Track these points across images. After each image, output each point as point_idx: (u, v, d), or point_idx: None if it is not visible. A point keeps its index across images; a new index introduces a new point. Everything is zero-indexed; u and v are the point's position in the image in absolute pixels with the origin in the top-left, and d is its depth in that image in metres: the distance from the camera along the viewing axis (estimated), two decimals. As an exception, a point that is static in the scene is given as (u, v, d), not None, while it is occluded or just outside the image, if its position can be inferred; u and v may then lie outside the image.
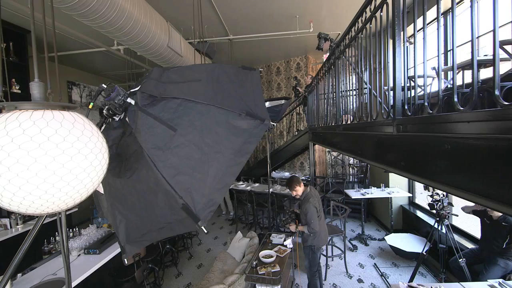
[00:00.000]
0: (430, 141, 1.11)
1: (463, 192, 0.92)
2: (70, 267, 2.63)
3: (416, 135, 1.20)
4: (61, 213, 1.23)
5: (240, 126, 1.26)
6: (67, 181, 0.85)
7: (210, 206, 1.17)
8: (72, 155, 0.85)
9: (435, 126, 1.07)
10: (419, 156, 1.21)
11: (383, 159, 1.64)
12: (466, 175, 0.92)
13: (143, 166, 1.17)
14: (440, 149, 1.04)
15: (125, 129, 1.35)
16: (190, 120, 1.21)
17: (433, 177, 1.09)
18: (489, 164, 0.81)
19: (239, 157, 1.23)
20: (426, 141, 1.14)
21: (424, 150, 1.17)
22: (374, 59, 1.78)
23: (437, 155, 1.06)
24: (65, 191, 0.86)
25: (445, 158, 1.02)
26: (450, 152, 0.99)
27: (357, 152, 2.21)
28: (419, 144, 1.19)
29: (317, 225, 2.89)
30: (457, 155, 0.96)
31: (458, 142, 0.95)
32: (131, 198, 1.23)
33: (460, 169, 0.94)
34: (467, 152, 0.91)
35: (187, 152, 1.18)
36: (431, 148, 1.11)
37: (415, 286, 1.96)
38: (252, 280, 2.69)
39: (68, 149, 0.84)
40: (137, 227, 1.28)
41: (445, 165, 1.02)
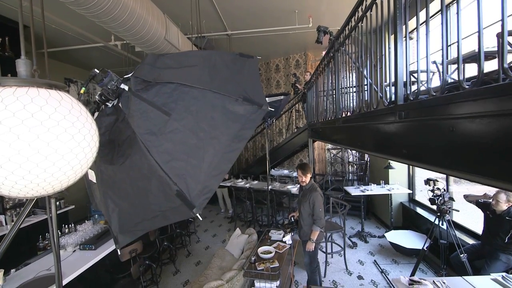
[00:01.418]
0: (433, 125, 1.08)
1: (470, 174, 0.88)
2: (66, 262, 2.59)
3: (418, 120, 1.16)
4: (51, 201, 1.19)
5: (237, 112, 1.22)
6: (53, 161, 0.81)
7: (206, 193, 1.12)
8: (58, 133, 0.81)
9: (438, 109, 1.03)
10: (421, 142, 1.17)
11: (384, 149, 1.60)
12: (473, 158, 0.88)
13: (136, 152, 1.13)
14: (444, 133, 1.00)
15: (118, 115, 1.31)
16: (185, 105, 1.17)
17: (437, 163, 1.05)
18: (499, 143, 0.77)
19: (235, 143, 1.19)
20: (429, 125, 1.10)
21: (427, 135, 1.13)
22: (375, 48, 1.74)
23: (441, 139, 1.02)
24: (50, 172, 0.81)
25: (449, 141, 0.98)
26: (455, 134, 0.95)
27: (357, 144, 2.17)
28: (422, 129, 1.15)
29: (323, 214, 2.84)
30: (463, 137, 0.92)
31: (463, 123, 0.91)
32: (123, 186, 1.18)
33: (466, 151, 0.91)
34: (474, 133, 0.87)
35: (181, 138, 1.14)
36: (435, 132, 1.07)
37: (417, 280, 1.92)
38: (251, 276, 2.64)
39: (53, 127, 0.80)
40: (130, 216, 1.24)
41: (450, 148, 0.98)
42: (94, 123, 0.97)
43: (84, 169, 0.96)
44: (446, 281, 1.91)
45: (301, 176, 3.01)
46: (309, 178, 3.00)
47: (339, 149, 7.37)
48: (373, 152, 1.74)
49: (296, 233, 3.28)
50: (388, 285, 3.38)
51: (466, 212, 4.58)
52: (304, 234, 3.00)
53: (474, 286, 1.86)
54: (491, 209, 2.77)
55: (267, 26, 4.55)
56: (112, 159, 1.20)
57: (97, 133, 1.00)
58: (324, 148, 7.51)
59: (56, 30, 4.24)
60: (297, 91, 5.98)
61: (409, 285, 1.89)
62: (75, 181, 0.97)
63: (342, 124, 2.47)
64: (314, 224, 2.86)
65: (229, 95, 1.22)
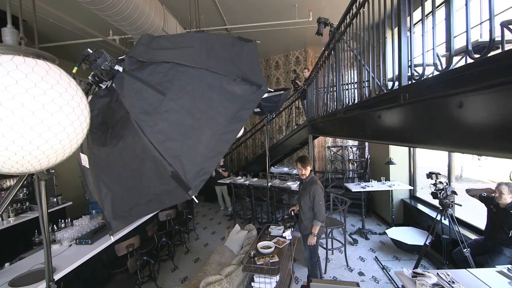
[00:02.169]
0: (439, 103, 1.03)
1: (481, 150, 0.84)
2: (62, 257, 2.54)
3: (423, 100, 1.12)
4: (41, 184, 1.14)
5: (235, 92, 1.17)
6: (39, 133, 0.76)
7: (202, 175, 1.08)
8: (45, 103, 0.76)
9: (445, 85, 0.99)
10: (427, 123, 1.13)
11: (387, 135, 1.56)
12: (484, 133, 0.84)
13: (130, 133, 1.08)
14: (452, 109, 0.96)
15: (112, 97, 1.26)
16: (181, 85, 1.13)
17: (445, 142, 1.00)
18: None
19: (233, 124, 1.15)
20: (435, 104, 1.06)
21: (433, 115, 1.08)
22: (377, 34, 1.70)
23: (449, 116, 0.98)
24: (36, 144, 0.77)
25: (458, 117, 0.93)
26: (464, 110, 0.91)
27: (358, 134, 2.13)
28: (427, 109, 1.11)
29: (324, 207, 2.80)
30: (472, 112, 0.87)
31: (471, 97, 0.87)
32: (117, 168, 1.14)
33: (476, 127, 0.86)
34: (484, 106, 0.83)
35: (177, 118, 1.09)
36: (441, 110, 1.02)
37: (420, 272, 1.87)
38: (250, 271, 2.59)
39: (39, 96, 0.75)
40: (124, 201, 1.19)
41: (459, 125, 0.93)
42: (84, 97, 0.93)
43: (74, 146, 0.91)
44: (450, 273, 1.86)
45: (301, 169, 2.96)
46: (309, 171, 2.96)
47: (339, 147, 7.33)
48: (376, 139, 1.69)
49: (296, 230, 3.23)
50: (389, 281, 3.33)
51: (468, 209, 4.54)
52: (304, 228, 2.94)
53: (479, 278, 1.82)
54: (495, 203, 2.73)
55: (267, 21, 4.51)
56: (105, 141, 1.16)
57: (88, 109, 0.95)
58: (324, 146, 7.46)
59: (52, 24, 4.20)
60: (297, 87, 5.94)
61: (412, 278, 1.84)
62: (63, 159, 0.92)
63: (343, 115, 2.42)
64: (315, 218, 2.81)
65: (227, 74, 1.17)
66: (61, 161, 0.92)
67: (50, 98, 0.77)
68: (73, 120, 0.84)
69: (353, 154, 7.15)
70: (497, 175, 3.00)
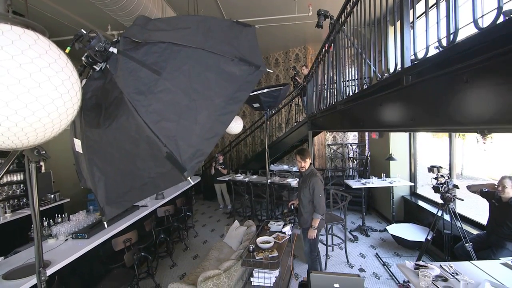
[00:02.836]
0: (444, 81, 1.00)
1: (491, 124, 0.80)
2: (57, 251, 2.49)
3: (427, 80, 1.08)
4: (31, 166, 1.11)
5: (233, 72, 1.14)
6: (25, 103, 0.72)
7: (198, 156, 1.04)
8: (32, 71, 0.73)
9: (450, 61, 0.95)
10: (432, 104, 1.10)
11: (389, 122, 1.53)
12: (494, 106, 0.80)
13: (123, 113, 1.04)
14: (458, 86, 0.93)
15: (106, 78, 1.22)
16: (177, 64, 1.09)
17: (452, 120, 0.97)
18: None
19: (231, 105, 1.11)
20: (440, 82, 1.02)
21: (437, 94, 1.05)
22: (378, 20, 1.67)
23: (455, 93, 0.95)
24: (23, 115, 0.73)
25: (464, 93, 0.90)
26: (470, 85, 0.87)
27: (359, 124, 2.10)
28: (432, 88, 1.08)
29: (324, 200, 2.77)
30: (480, 85, 0.84)
31: (479, 70, 0.83)
32: (110, 150, 1.10)
33: (486, 100, 0.83)
34: (491, 78, 0.79)
35: (173, 98, 1.06)
36: (447, 88, 0.99)
37: (423, 264, 1.83)
38: (249, 265, 2.55)
39: (26, 64, 0.72)
40: (117, 185, 1.15)
41: (466, 101, 0.90)
42: (75, 72, 0.89)
43: (64, 122, 0.87)
44: (453, 265, 1.82)
45: (300, 161, 2.93)
46: (308, 164, 2.92)
47: (339, 145, 7.29)
48: (377, 128, 1.66)
49: (295, 227, 3.20)
50: (390, 277, 3.29)
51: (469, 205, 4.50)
52: (304, 222, 2.91)
53: (483, 270, 1.78)
54: (497, 197, 2.69)
55: (266, 16, 4.48)
56: (98, 123, 1.12)
57: (79, 83, 0.92)
58: (324, 144, 7.43)
59: (51, 19, 4.17)
60: (297, 84, 5.90)
61: (415, 270, 1.81)
62: (53, 135, 0.88)
63: (343, 106, 2.39)
64: (315, 211, 2.77)
65: (224, 55, 1.14)
66: (50, 137, 0.88)
67: (38, 67, 0.74)
68: (63, 93, 0.81)
69: (353, 152, 7.12)
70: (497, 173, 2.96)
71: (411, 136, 4.94)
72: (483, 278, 1.67)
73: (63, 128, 0.90)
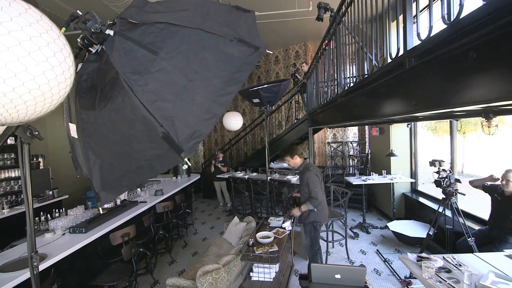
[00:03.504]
0: (448, 59, 0.97)
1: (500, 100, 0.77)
2: (54, 245, 2.46)
3: (430, 60, 1.05)
4: (24, 147, 1.07)
5: (232, 53, 1.11)
6: (14, 72, 0.69)
7: (196, 137, 1.02)
8: (22, 40, 0.69)
9: (454, 37, 0.92)
10: (436, 84, 1.07)
11: (391, 109, 1.50)
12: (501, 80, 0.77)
13: (119, 93, 1.02)
14: (463, 63, 0.90)
15: (102, 60, 1.19)
16: (175, 44, 1.07)
17: (460, 98, 0.93)
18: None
19: (229, 86, 1.08)
20: (444, 61, 0.99)
21: (442, 74, 1.02)
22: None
23: (460, 71, 0.92)
24: (12, 85, 0.70)
25: (471, 69, 0.87)
26: (477, 59, 0.84)
27: (360, 116, 2.07)
28: (436, 69, 1.05)
29: (321, 194, 2.74)
30: (487, 60, 0.81)
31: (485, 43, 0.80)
32: (105, 132, 1.07)
33: (491, 75, 0.80)
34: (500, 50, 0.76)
35: (169, 78, 1.03)
36: (452, 66, 0.96)
37: (425, 256, 1.80)
38: (249, 259, 2.51)
39: (16, 31, 0.69)
40: (113, 169, 1.12)
41: (472, 78, 0.87)
42: (68, 45, 0.86)
43: (55, 97, 0.84)
44: (456, 257, 1.79)
45: (289, 159, 2.91)
46: (299, 160, 2.90)
47: (339, 143, 7.26)
48: (379, 116, 1.63)
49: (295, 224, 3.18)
50: (391, 273, 3.26)
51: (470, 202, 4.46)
52: (304, 217, 2.87)
53: (487, 262, 1.74)
54: (499, 191, 2.66)
55: (266, 11, 4.45)
56: (93, 104, 1.09)
57: (72, 58, 0.89)
58: (324, 142, 7.40)
59: (48, 14, 4.14)
60: (297, 81, 5.88)
61: (417, 262, 1.77)
62: (44, 112, 0.85)
63: (344, 98, 2.36)
64: (308, 201, 2.73)
65: (223, 35, 1.11)
66: (41, 113, 0.85)
67: (28, 36, 0.71)
68: (54, 65, 0.78)
69: (354, 149, 7.09)
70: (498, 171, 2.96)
71: (412, 132, 4.92)
72: (487, 269, 1.64)
73: (55, 104, 0.87)
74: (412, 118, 1.81)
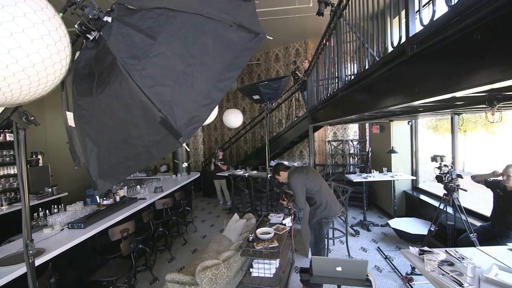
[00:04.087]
0: (452, 43, 0.95)
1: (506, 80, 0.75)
2: (53, 240, 2.44)
3: (434, 44, 1.03)
4: (19, 132, 1.06)
5: (232, 39, 1.09)
6: (8, 48, 0.67)
7: (194, 122, 1.00)
8: (15, 15, 0.68)
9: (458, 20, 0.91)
10: (439, 69, 1.05)
11: (392, 98, 1.48)
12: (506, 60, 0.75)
13: (116, 79, 1.00)
14: (468, 44, 0.88)
15: (99, 46, 1.18)
16: (173, 29, 1.05)
17: (467, 80, 0.91)
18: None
19: (229, 72, 1.07)
20: (447, 45, 0.97)
21: (446, 57, 1.00)
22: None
23: (465, 52, 0.90)
24: (5, 62, 0.68)
25: (475, 51, 0.85)
26: (482, 40, 0.82)
27: (361, 108, 2.05)
28: (439, 53, 1.03)
29: (302, 201, 2.82)
30: (493, 39, 0.79)
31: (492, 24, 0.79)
32: (102, 118, 1.05)
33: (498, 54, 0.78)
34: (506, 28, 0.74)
35: (168, 63, 1.01)
36: (456, 48, 0.94)
37: (428, 250, 1.78)
38: (249, 255, 2.49)
39: (9, 6, 0.67)
40: (110, 156, 1.11)
41: (478, 59, 0.85)
42: (63, 25, 0.85)
43: (51, 78, 0.83)
44: (459, 251, 1.77)
45: (278, 177, 3.06)
46: (285, 173, 2.98)
47: (340, 141, 7.24)
48: (382, 106, 1.61)
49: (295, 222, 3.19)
50: (392, 270, 3.23)
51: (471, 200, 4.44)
52: (311, 215, 2.89)
53: (490, 255, 1.72)
54: (502, 186, 2.64)
55: (266, 7, 4.43)
56: (91, 90, 1.07)
57: (68, 39, 0.87)
58: (324, 140, 7.38)
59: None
60: (297, 79, 5.87)
61: (420, 255, 1.75)
62: (39, 93, 0.84)
63: (344, 92, 2.35)
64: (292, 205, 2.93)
65: (222, 21, 1.09)
66: (36, 95, 0.83)
67: (22, 11, 0.69)
68: (49, 44, 0.76)
69: (354, 148, 7.06)
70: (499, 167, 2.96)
71: (413, 130, 4.90)
72: (490, 263, 1.61)
73: (50, 86, 0.85)
74: (413, 110, 1.79)
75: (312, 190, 2.83)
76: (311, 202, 2.90)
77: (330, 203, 2.80)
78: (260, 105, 7.02)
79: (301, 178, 2.83)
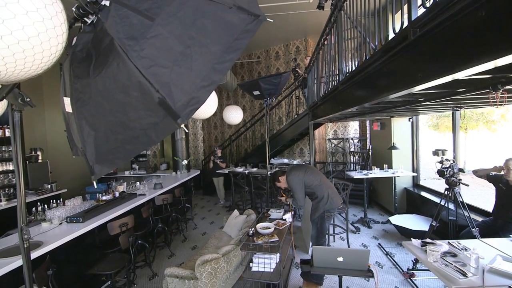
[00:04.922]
0: (457, 22, 0.93)
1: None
2: (51, 233, 2.42)
3: (437, 25, 1.02)
4: (15, 114, 1.04)
5: (231, 21, 1.08)
6: (2, 18, 0.66)
7: (193, 104, 0.98)
8: (8, -15, 0.66)
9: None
10: (442, 50, 1.03)
11: (394, 85, 1.46)
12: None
13: (114, 60, 0.98)
14: (473, 21, 0.86)
15: (97, 29, 1.16)
16: (172, 11, 1.03)
17: (468, 61, 0.90)
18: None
19: (228, 54, 1.05)
20: (450, 25, 0.96)
21: (449, 38, 0.98)
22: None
23: (469, 31, 0.88)
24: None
25: (480, 29, 0.83)
26: (487, 17, 0.81)
27: (362, 99, 2.03)
28: (442, 34, 1.01)
29: (302, 199, 2.83)
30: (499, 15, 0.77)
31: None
32: (100, 101, 1.04)
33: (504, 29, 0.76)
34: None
35: (166, 44, 1.00)
36: (459, 28, 0.92)
37: (430, 241, 1.76)
38: (249, 249, 2.47)
39: (1, -25, 0.65)
40: (108, 140, 1.09)
41: (482, 37, 0.83)
42: (60, 1, 0.83)
43: (46, 54, 0.81)
44: (462, 242, 1.75)
45: (279, 184, 3.05)
46: (283, 179, 2.98)
47: (340, 139, 7.22)
48: (384, 93, 1.58)
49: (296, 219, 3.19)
50: (394, 266, 3.21)
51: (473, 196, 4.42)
52: (313, 209, 2.88)
53: (493, 246, 1.70)
54: (504, 181, 2.62)
55: (266, 3, 4.42)
56: (88, 72, 1.06)
57: (64, 16, 0.85)
58: (324, 138, 7.36)
59: None
60: (297, 76, 5.85)
61: (422, 247, 1.73)
62: (36, 71, 0.82)
63: (345, 84, 2.33)
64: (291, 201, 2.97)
65: (222, 2, 1.08)
66: (31, 72, 0.82)
67: (18, -17, 0.67)
68: (45, 18, 0.74)
69: (355, 146, 7.04)
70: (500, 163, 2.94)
71: (414, 126, 4.88)
72: (493, 254, 1.59)
73: (46, 63, 0.84)
74: (414, 99, 1.77)
75: (312, 184, 2.82)
76: (312, 197, 2.89)
77: (331, 195, 2.80)
78: (260, 103, 7.01)
79: (298, 175, 2.85)
